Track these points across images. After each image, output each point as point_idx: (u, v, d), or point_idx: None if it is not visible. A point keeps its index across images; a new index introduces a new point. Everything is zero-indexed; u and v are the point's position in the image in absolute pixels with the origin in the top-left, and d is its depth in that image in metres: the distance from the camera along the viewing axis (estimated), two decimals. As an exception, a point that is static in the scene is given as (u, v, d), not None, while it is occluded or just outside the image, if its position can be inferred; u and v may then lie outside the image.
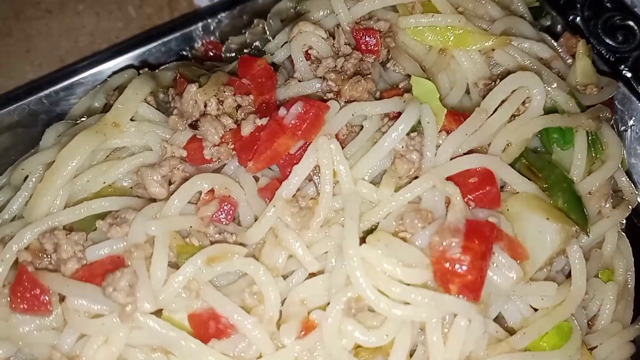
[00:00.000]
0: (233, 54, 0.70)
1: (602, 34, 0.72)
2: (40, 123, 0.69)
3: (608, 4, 0.74)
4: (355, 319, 0.42)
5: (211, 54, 0.73)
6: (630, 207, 0.55)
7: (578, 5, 0.73)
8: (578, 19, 0.73)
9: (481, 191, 0.44)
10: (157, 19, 0.82)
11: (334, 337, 0.42)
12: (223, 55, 0.71)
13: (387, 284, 0.41)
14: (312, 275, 0.46)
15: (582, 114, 0.53)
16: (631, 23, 0.72)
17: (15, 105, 0.69)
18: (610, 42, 0.71)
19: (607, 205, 0.54)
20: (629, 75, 0.69)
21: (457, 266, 0.39)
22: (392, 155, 0.47)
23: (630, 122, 0.71)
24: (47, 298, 0.43)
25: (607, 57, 0.70)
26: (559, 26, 0.72)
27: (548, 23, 0.73)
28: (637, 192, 0.57)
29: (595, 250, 0.55)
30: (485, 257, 0.40)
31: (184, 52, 0.73)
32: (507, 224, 0.44)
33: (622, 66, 0.70)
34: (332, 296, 0.42)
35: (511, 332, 0.47)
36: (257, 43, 0.68)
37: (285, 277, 0.46)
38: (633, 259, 0.58)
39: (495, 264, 0.42)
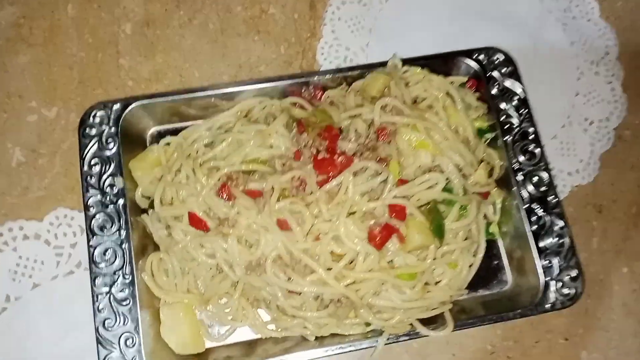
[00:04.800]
0: (325, 101, 1.33)
1: (517, 151, 1.26)
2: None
3: (531, 136, 1.29)
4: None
5: (317, 94, 1.22)
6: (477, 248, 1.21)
7: (513, 132, 1.27)
8: (510, 139, 1.30)
9: (398, 212, 1.08)
10: (293, 60, 1.37)
11: (326, 246, 1.09)
12: (322, 100, 1.22)
13: (350, 234, 1.08)
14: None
15: (460, 196, 1.15)
16: (537, 150, 1.26)
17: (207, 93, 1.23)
18: (521, 158, 1.26)
19: (459, 238, 1.19)
20: (519, 179, 1.26)
21: (375, 236, 1.06)
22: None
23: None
24: (230, 195, 1.12)
25: (513, 167, 1.24)
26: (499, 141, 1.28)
27: (492, 136, 1.31)
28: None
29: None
30: (387, 236, 1.05)
31: (303, 89, 1.23)
32: (404, 227, 1.08)
33: (519, 173, 1.26)
34: (327, 231, 1.09)
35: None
36: (339, 103, 1.31)
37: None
38: (466, 280, 1.17)
39: (391, 240, 1.08)
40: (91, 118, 1.26)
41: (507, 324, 1.26)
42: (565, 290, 1.19)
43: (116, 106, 1.27)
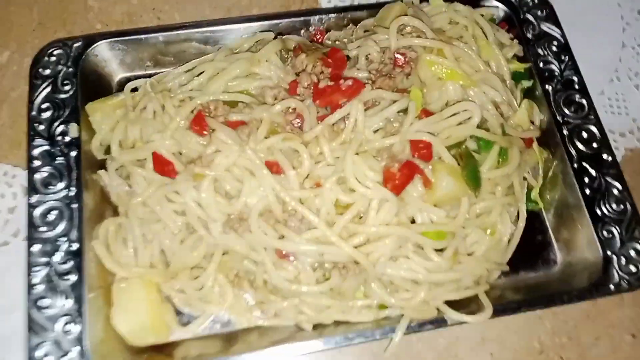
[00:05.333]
0: (329, 42, 1.12)
1: (562, 103, 1.05)
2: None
3: (576, 85, 1.09)
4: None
5: (317, 36, 1.08)
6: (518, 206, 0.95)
7: (555, 81, 1.08)
8: (550, 88, 1.09)
9: (422, 151, 0.84)
10: (292, 3, 1.22)
11: (329, 193, 0.84)
12: (324, 40, 1.07)
13: (361, 175, 0.83)
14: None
15: (500, 136, 0.89)
16: (584, 101, 1.06)
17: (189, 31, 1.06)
18: (565, 111, 1.05)
19: (499, 193, 0.93)
20: (565, 133, 1.04)
21: (393, 176, 0.81)
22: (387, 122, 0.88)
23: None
24: (205, 128, 0.86)
25: (557, 119, 1.03)
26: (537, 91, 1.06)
27: (529, 84, 1.07)
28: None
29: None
30: (408, 177, 0.80)
31: (302, 30, 1.09)
32: (429, 170, 0.83)
33: (565, 128, 1.04)
34: (330, 175, 0.84)
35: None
36: (345, 40, 1.11)
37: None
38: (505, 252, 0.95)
39: (413, 183, 0.82)
40: (47, 57, 1.04)
41: (559, 315, 0.99)
42: (632, 268, 0.93)
43: (77, 44, 1.05)
